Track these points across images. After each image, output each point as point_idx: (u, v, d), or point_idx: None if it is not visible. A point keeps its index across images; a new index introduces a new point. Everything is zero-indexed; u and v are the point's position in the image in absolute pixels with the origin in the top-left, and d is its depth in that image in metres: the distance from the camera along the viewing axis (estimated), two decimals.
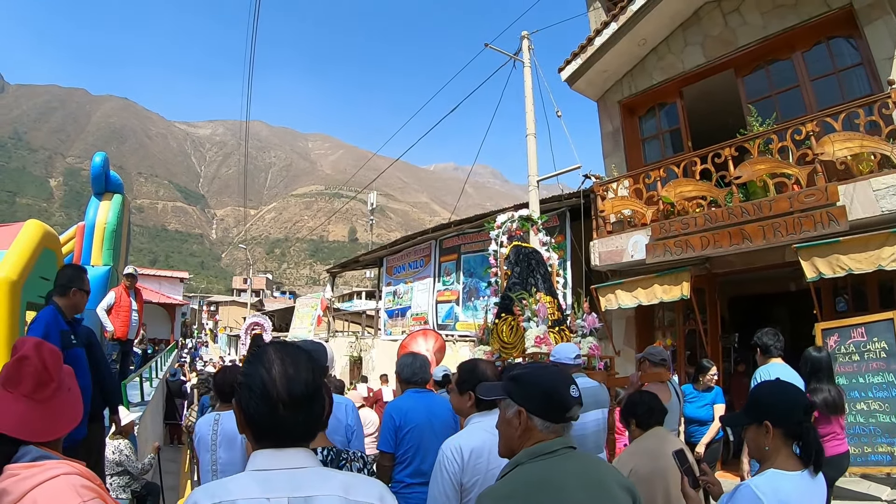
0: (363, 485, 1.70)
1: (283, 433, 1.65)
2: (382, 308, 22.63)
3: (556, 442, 2.16)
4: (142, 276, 38.45)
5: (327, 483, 1.64)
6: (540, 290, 6.69)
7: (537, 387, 2.23)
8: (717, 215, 9.45)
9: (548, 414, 2.18)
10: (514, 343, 6.48)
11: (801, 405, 2.60)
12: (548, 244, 7.76)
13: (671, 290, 9.89)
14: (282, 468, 1.62)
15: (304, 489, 1.59)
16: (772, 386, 2.77)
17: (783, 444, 2.56)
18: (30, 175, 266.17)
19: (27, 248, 8.13)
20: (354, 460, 2.66)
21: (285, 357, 1.70)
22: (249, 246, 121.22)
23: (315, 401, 1.70)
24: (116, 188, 15.04)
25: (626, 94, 12.72)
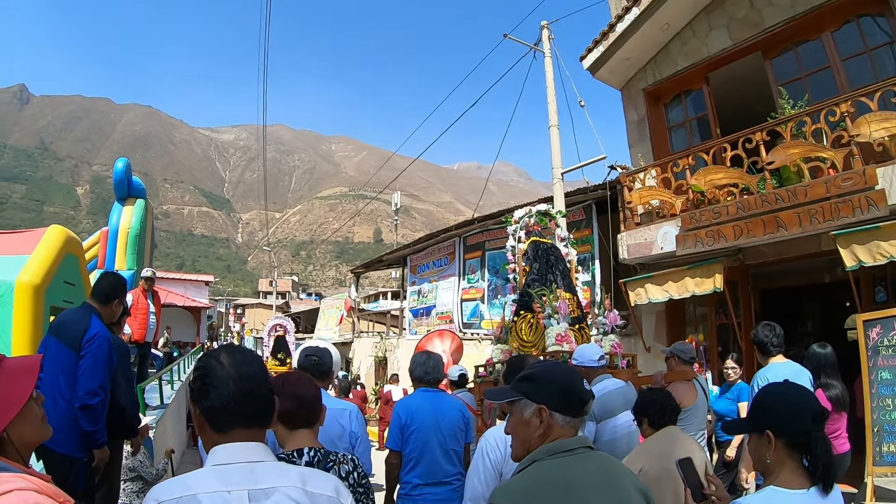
0: (319, 478, 1.87)
1: (238, 418, 1.77)
2: (407, 307, 22.43)
3: (575, 440, 2.13)
4: (167, 280, 38.93)
5: (285, 476, 1.76)
6: (560, 286, 6.60)
7: (555, 383, 2.20)
8: (750, 203, 9.04)
9: (569, 409, 2.16)
10: (533, 341, 6.40)
11: (809, 411, 2.23)
12: (566, 239, 7.62)
13: (703, 283, 9.52)
14: (240, 462, 1.71)
15: (263, 482, 1.69)
16: (777, 389, 2.42)
17: (787, 456, 2.24)
18: (57, 184, 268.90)
19: (50, 253, 8.18)
20: (343, 462, 2.72)
21: (234, 352, 1.88)
22: (275, 249, 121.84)
23: (263, 390, 1.84)
24: (139, 193, 15.03)
25: (651, 82, 12.34)
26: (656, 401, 3.92)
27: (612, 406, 4.70)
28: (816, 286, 12.78)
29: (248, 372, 1.82)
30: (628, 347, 11.51)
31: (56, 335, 4.35)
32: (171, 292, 35.41)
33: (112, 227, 14.10)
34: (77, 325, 4.35)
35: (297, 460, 2.61)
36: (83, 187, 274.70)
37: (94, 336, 4.28)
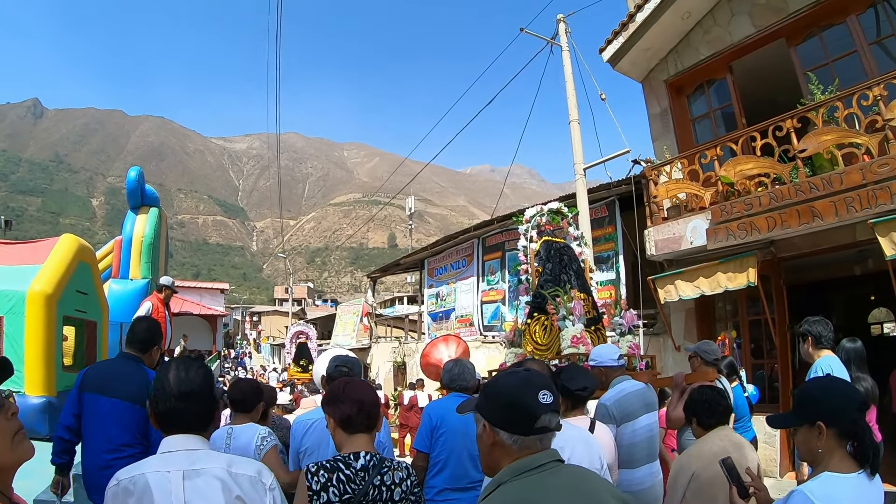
0: (244, 462, 2.30)
1: (178, 420, 2.27)
2: (425, 311, 22.07)
3: (543, 456, 1.91)
4: (183, 289, 38.89)
5: (214, 460, 2.22)
6: (574, 286, 6.42)
7: (500, 396, 1.99)
8: (784, 193, 8.69)
9: (513, 426, 1.92)
10: (548, 344, 6.24)
11: (855, 401, 2.37)
12: (580, 239, 7.42)
13: (736, 278, 9.17)
14: (181, 449, 2.22)
15: (196, 464, 2.17)
16: (822, 383, 2.64)
17: (837, 444, 2.35)
18: (72, 196, 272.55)
19: (62, 262, 8.09)
20: (397, 469, 2.80)
21: (180, 366, 2.37)
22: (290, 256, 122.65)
23: (200, 399, 2.32)
24: (152, 202, 14.88)
25: (673, 73, 12.00)
26: (706, 400, 3.74)
27: (631, 409, 4.49)
28: (840, 280, 12.69)
29: (186, 390, 2.31)
30: (657, 347, 11.24)
31: (103, 391, 4.18)
32: (186, 300, 35.54)
33: (126, 236, 13.93)
34: (134, 379, 4.21)
35: (354, 463, 2.72)
36: (98, 199, 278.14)
37: None
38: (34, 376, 7.54)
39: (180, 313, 32.32)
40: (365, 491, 2.65)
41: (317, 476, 2.63)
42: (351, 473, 2.68)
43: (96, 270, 9.59)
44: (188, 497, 2.12)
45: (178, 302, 33.79)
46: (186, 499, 2.11)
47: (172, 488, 2.12)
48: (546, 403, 1.91)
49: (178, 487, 2.12)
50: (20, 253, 8.59)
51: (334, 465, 2.69)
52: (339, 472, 2.67)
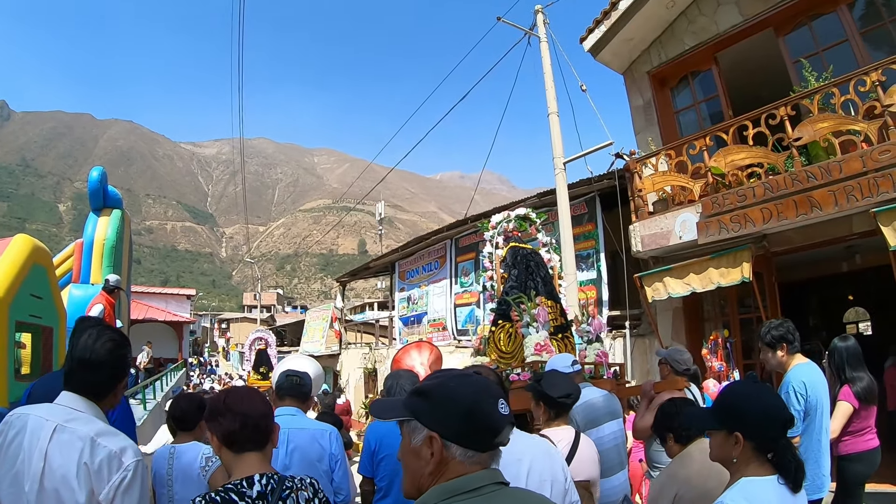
0: (113, 436, 2.41)
1: (72, 381, 2.50)
2: (397, 316, 21.54)
3: (479, 477, 1.59)
4: (148, 295, 38.30)
5: (88, 426, 2.37)
6: (541, 293, 6.25)
7: (455, 403, 1.63)
8: (779, 183, 8.24)
9: (472, 440, 1.61)
10: (512, 352, 6.11)
11: (779, 420, 2.33)
12: (549, 245, 7.28)
13: (729, 273, 8.68)
14: (66, 406, 2.42)
15: (70, 423, 2.35)
16: (750, 392, 2.45)
17: (754, 455, 2.33)
18: (39, 201, 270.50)
19: (14, 264, 7.47)
20: (302, 489, 2.46)
21: (92, 334, 2.55)
22: (259, 262, 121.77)
23: (97, 369, 2.50)
24: (115, 203, 14.36)
25: (656, 64, 11.58)
26: (681, 413, 3.55)
27: (595, 415, 4.42)
28: (819, 280, 12.71)
29: (86, 357, 2.46)
30: (643, 349, 10.85)
31: None
32: (151, 307, 34.92)
33: (87, 239, 13.48)
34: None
35: (248, 490, 2.29)
36: (66, 204, 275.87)
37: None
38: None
39: (145, 320, 31.72)
40: None
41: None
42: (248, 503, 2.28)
43: (52, 273, 9.03)
44: (50, 448, 2.27)
45: (142, 308, 33.16)
46: (48, 449, 2.27)
47: (42, 434, 2.29)
48: (506, 415, 1.64)
49: (46, 436, 2.29)
50: None
51: (225, 497, 2.24)
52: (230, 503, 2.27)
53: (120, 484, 2.30)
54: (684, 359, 5.52)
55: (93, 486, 2.26)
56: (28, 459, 2.26)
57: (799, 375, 4.40)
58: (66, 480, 2.24)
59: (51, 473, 2.24)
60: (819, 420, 4.40)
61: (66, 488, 2.24)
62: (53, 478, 2.24)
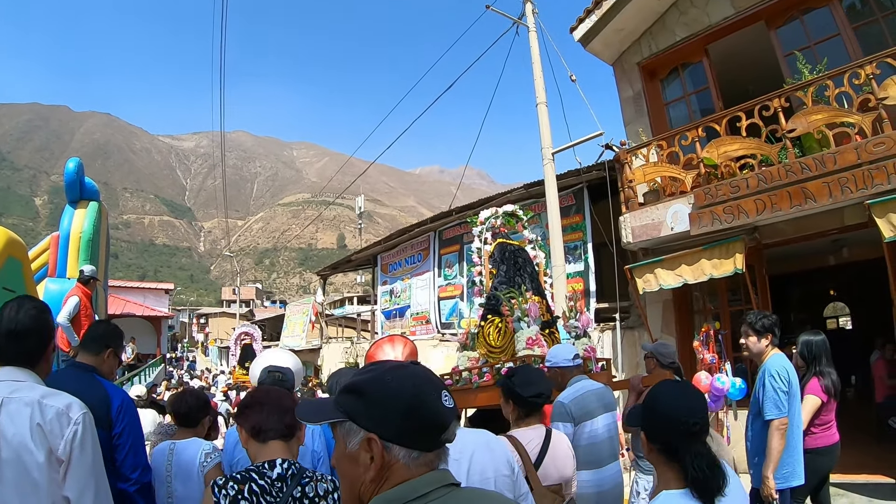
0: (57, 395, 2.53)
1: (4, 354, 2.59)
2: (379, 309, 21.35)
3: (426, 481, 1.40)
4: (126, 289, 37.97)
5: (31, 391, 2.48)
6: (529, 289, 6.30)
7: (394, 399, 1.43)
8: (773, 174, 8.20)
9: (415, 439, 1.42)
10: (503, 346, 6.20)
11: (680, 424, 2.12)
12: (534, 242, 7.31)
13: (722, 265, 8.62)
14: (6, 380, 2.50)
15: (14, 393, 2.44)
16: (661, 391, 2.32)
17: (665, 460, 2.19)
18: (14, 194, 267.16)
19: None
20: (322, 480, 2.51)
21: (13, 305, 2.70)
22: (238, 257, 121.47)
23: (26, 337, 2.63)
24: (92, 195, 14.05)
25: (646, 55, 11.51)
26: None
27: (589, 408, 4.38)
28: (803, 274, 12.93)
29: (12, 328, 2.61)
30: (632, 341, 10.78)
31: None
32: (129, 301, 34.59)
33: (63, 232, 13.10)
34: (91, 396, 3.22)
35: (269, 472, 2.42)
36: (42, 198, 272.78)
37: (122, 403, 3.43)
38: None
39: (122, 314, 31.38)
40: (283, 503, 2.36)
41: (225, 489, 2.33)
42: (266, 484, 2.39)
43: (27, 266, 8.74)
44: (1, 421, 2.36)
45: (120, 303, 32.81)
46: (0, 422, 2.35)
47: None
48: (451, 408, 1.46)
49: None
50: None
51: (246, 476, 2.39)
52: (251, 482, 2.37)
53: (73, 438, 2.44)
54: (669, 352, 5.55)
55: (49, 444, 2.40)
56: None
57: (780, 362, 4.54)
58: (23, 444, 2.35)
59: (6, 443, 2.34)
60: (796, 407, 4.58)
61: (26, 451, 2.35)
62: (10, 446, 2.34)
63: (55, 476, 2.40)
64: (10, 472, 2.33)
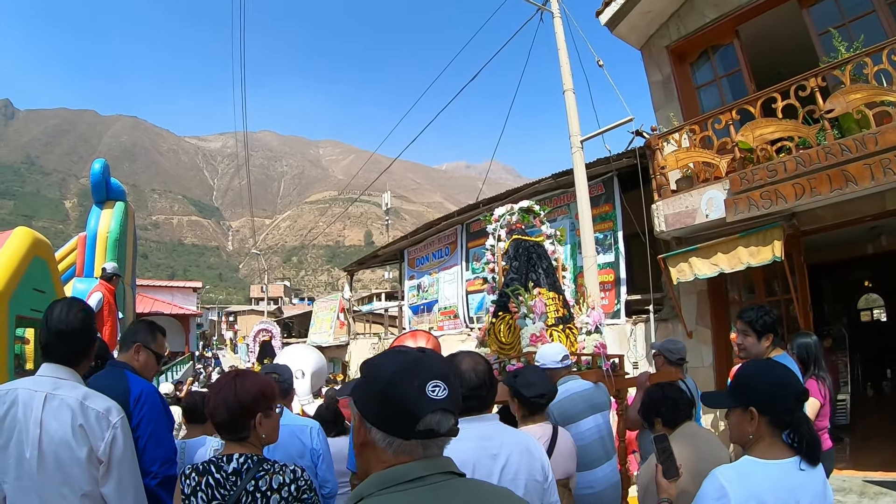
0: (99, 399, 2.75)
1: (52, 352, 2.80)
2: (406, 304, 21.18)
3: (424, 466, 1.41)
4: (154, 288, 38.12)
5: (74, 390, 2.69)
6: (542, 285, 6.27)
7: (372, 383, 1.49)
8: (812, 157, 7.79)
9: (389, 425, 1.42)
10: (511, 343, 6.13)
11: (793, 391, 2.34)
12: (553, 237, 7.17)
13: (760, 253, 8.30)
14: (50, 376, 2.73)
15: (58, 391, 2.66)
16: (762, 367, 2.53)
17: (769, 432, 2.32)
18: (44, 198, 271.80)
19: (14, 257, 7.15)
20: (278, 472, 2.61)
21: (64, 306, 2.88)
22: (266, 255, 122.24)
23: (73, 338, 2.84)
24: (118, 195, 14.10)
25: (675, 38, 11.15)
26: (667, 397, 3.67)
27: (573, 410, 4.35)
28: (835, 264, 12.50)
29: (62, 328, 2.81)
30: (665, 333, 10.53)
31: None
32: (157, 300, 34.74)
33: (90, 233, 13.15)
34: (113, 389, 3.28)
35: (225, 466, 2.58)
36: (71, 200, 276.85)
37: (140, 394, 3.36)
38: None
39: (151, 313, 31.53)
40: (236, 497, 2.49)
41: (189, 479, 2.53)
42: (221, 477, 2.54)
43: (54, 266, 8.78)
44: (44, 416, 2.58)
45: (148, 302, 32.99)
46: (43, 417, 2.57)
47: (34, 405, 2.59)
48: (436, 399, 1.43)
49: (38, 405, 2.59)
50: None
51: (206, 468, 2.56)
52: (209, 474, 2.54)
53: (113, 441, 2.69)
54: (678, 348, 5.70)
55: (91, 444, 2.63)
56: (25, 429, 2.57)
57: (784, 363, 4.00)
58: (64, 442, 2.58)
59: (48, 438, 2.56)
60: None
61: (66, 448, 2.58)
62: (52, 441, 2.57)
63: (94, 472, 2.66)
64: (50, 466, 2.58)
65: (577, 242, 12.62)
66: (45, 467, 2.57)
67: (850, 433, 9.90)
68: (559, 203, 13.68)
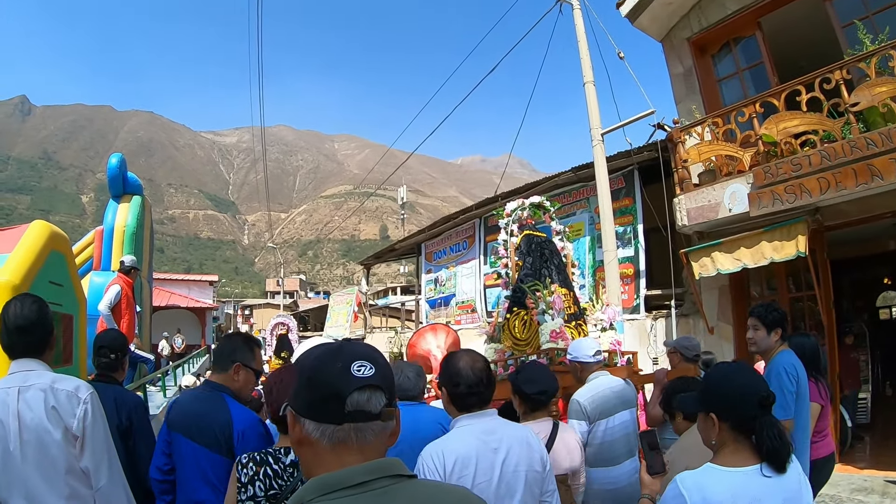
0: (68, 380, 2.89)
1: (16, 348, 2.93)
2: (423, 298, 21.11)
3: (368, 468, 1.30)
4: (170, 281, 38.23)
5: (43, 378, 2.82)
6: (555, 281, 6.27)
7: (300, 372, 1.44)
8: (837, 151, 7.70)
9: (317, 411, 1.35)
10: (527, 339, 6.22)
11: (755, 396, 2.27)
12: (562, 233, 7.25)
13: (783, 248, 8.19)
14: (19, 371, 2.85)
15: (28, 381, 2.79)
16: (727, 371, 2.47)
17: (732, 437, 2.29)
18: (61, 193, 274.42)
19: (31, 251, 7.15)
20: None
21: (17, 303, 2.98)
22: (282, 249, 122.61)
23: (31, 330, 2.93)
24: (135, 190, 14.24)
25: (696, 30, 11.05)
26: (689, 390, 3.71)
27: (606, 406, 4.37)
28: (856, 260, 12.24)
29: (21, 323, 2.92)
30: (686, 329, 10.42)
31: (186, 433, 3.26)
32: (173, 293, 34.86)
33: (107, 226, 13.33)
34: (213, 420, 3.23)
35: (283, 458, 2.66)
36: (88, 195, 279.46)
37: (244, 430, 3.21)
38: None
39: (167, 306, 31.66)
40: (293, 488, 2.53)
41: (246, 468, 2.61)
42: (279, 468, 2.63)
43: (71, 259, 8.80)
44: (20, 408, 2.71)
45: (165, 295, 33.08)
46: (19, 409, 2.71)
47: (10, 401, 2.71)
48: (361, 377, 1.37)
49: (13, 401, 2.71)
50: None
51: (264, 458, 2.64)
52: (267, 465, 2.62)
53: (84, 416, 2.81)
54: (693, 345, 5.70)
55: (64, 423, 2.77)
56: (5, 425, 2.70)
57: (789, 359, 4.25)
58: (41, 426, 2.72)
59: (26, 427, 2.70)
60: (804, 410, 4.22)
61: (44, 431, 2.73)
62: (29, 429, 2.71)
63: (72, 450, 2.79)
64: (32, 452, 2.71)
65: (596, 236, 12.53)
66: (28, 456, 2.71)
67: (871, 432, 9.80)
68: (578, 197, 13.60)
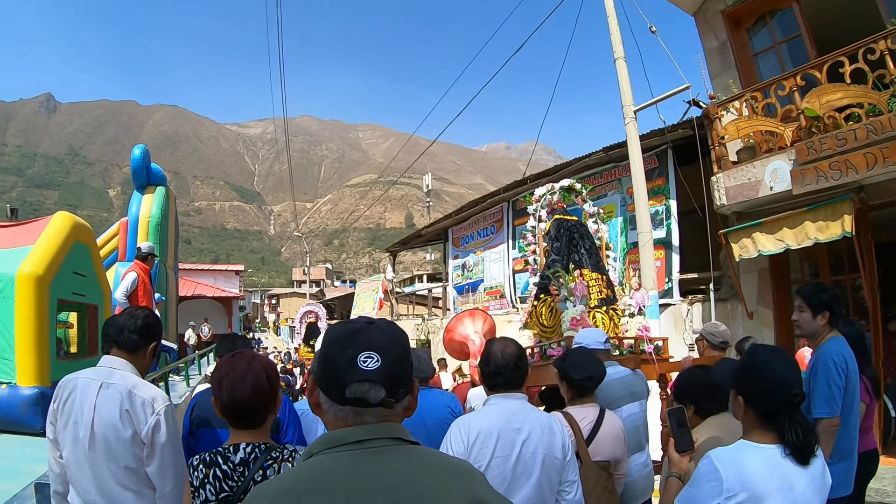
0: (147, 388, 2.96)
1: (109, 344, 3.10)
2: (451, 284, 20.92)
3: (370, 429, 1.40)
4: (196, 272, 38.42)
5: (126, 380, 2.93)
6: (585, 266, 6.39)
7: (322, 346, 1.52)
8: (884, 124, 7.29)
9: (327, 388, 1.45)
10: (553, 326, 6.15)
11: (782, 393, 2.25)
12: (596, 215, 7.06)
13: (828, 228, 7.81)
14: (107, 367, 2.98)
15: (111, 379, 2.92)
16: (762, 358, 2.39)
17: (759, 423, 2.29)
18: (88, 188, 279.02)
19: (55, 242, 7.36)
20: (286, 460, 2.52)
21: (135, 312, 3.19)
22: (308, 238, 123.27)
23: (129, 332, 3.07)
24: (159, 181, 14.31)
25: (730, 2, 10.61)
26: (701, 383, 3.41)
27: (613, 397, 4.29)
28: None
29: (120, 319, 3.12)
30: (725, 314, 10.08)
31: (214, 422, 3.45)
32: (200, 283, 35.06)
33: (132, 218, 13.46)
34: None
35: (232, 456, 2.50)
36: (115, 189, 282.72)
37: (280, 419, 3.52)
38: (26, 365, 6.72)
39: (193, 296, 31.83)
40: (244, 488, 2.42)
41: (196, 471, 2.49)
42: (228, 469, 2.47)
43: (95, 250, 8.85)
44: (98, 402, 2.87)
45: (191, 285, 33.26)
46: (97, 402, 2.87)
47: (90, 392, 2.89)
48: (364, 369, 1.40)
49: (94, 393, 2.89)
50: (10, 235, 7.74)
51: (213, 459, 2.49)
52: (216, 466, 2.47)
53: (156, 426, 2.88)
54: (720, 332, 5.48)
55: (134, 427, 2.85)
56: (81, 412, 2.86)
57: (839, 349, 3.81)
58: (112, 424, 2.83)
59: (100, 420, 2.84)
60: (854, 405, 3.85)
61: (113, 429, 2.83)
62: (102, 423, 2.83)
63: (137, 451, 2.87)
64: (101, 443, 2.84)
65: (627, 218, 12.20)
66: (96, 446, 2.85)
67: None
68: (609, 178, 13.26)
